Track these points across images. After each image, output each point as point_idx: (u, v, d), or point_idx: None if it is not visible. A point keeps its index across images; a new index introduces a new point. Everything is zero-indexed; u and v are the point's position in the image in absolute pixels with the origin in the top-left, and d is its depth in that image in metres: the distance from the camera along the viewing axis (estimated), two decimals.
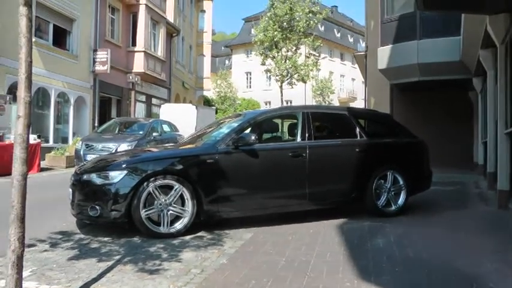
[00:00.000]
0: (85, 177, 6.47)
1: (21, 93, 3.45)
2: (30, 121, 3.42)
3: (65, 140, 21.60)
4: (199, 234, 6.44)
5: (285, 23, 33.38)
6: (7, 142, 14.54)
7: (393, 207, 7.83)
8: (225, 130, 7.38)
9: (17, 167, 3.37)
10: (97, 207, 6.15)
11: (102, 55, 23.47)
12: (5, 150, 13.75)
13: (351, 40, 65.98)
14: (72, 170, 14.72)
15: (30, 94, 3.50)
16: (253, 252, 5.54)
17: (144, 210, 6.12)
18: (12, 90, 17.70)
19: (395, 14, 16.10)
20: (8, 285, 3.41)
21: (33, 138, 15.03)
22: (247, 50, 60.76)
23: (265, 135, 8.15)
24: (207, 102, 44.69)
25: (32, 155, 14.35)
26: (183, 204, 6.33)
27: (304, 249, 5.66)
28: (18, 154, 3.37)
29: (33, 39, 18.43)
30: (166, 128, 18.44)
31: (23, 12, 3.50)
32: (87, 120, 23.40)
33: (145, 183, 6.14)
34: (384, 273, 4.78)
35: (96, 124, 23.27)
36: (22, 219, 3.42)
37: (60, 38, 21.73)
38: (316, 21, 34.74)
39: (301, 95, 50.77)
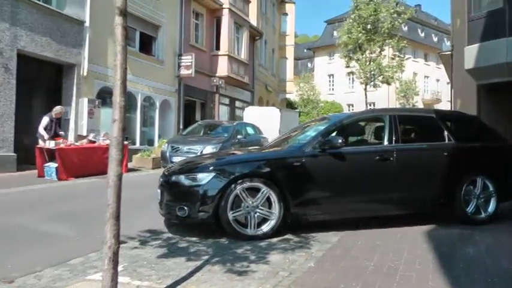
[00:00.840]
0: (173, 178, 6.64)
1: (117, 97, 3.59)
2: (124, 124, 3.55)
3: (150, 142, 22.28)
4: (286, 236, 6.44)
5: (369, 25, 32.84)
6: (96, 144, 15.20)
7: (483, 215, 7.46)
8: (311, 133, 7.35)
9: (113, 167, 3.51)
10: (185, 207, 6.29)
11: (187, 59, 24.02)
12: (95, 152, 14.41)
13: (435, 39, 63.75)
14: (158, 171, 15.33)
15: (125, 99, 3.62)
16: (340, 256, 5.48)
17: (231, 212, 6.20)
18: (101, 95, 18.53)
19: (483, 10, 15.44)
20: (105, 279, 3.56)
21: None
22: (330, 53, 60.34)
23: (351, 139, 8.04)
24: (290, 105, 44.72)
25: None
26: (269, 206, 6.35)
27: (392, 255, 5.53)
28: (113, 155, 3.51)
29: None
30: (250, 130, 18.58)
31: (118, 22, 3.63)
32: (172, 123, 24.05)
33: (232, 186, 6.22)
34: (476, 284, 4.59)
35: (181, 127, 23.87)
36: (117, 217, 3.56)
37: (147, 45, 22.48)
38: (400, 22, 33.98)
39: (384, 98, 49.82)
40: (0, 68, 14.06)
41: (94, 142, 15.22)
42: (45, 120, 13.97)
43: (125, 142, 15.09)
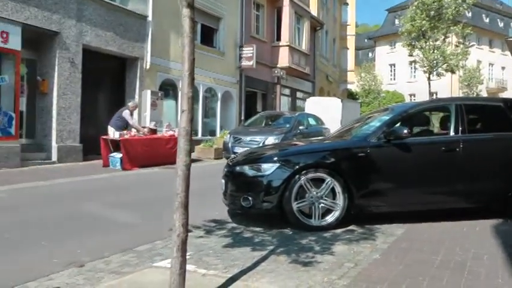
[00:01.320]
0: (238, 168, 6.69)
1: (185, 89, 3.63)
2: (193, 115, 3.59)
3: (212, 133, 22.54)
4: (350, 228, 6.37)
5: (432, 11, 31.93)
6: (160, 135, 15.51)
7: None
8: (375, 123, 7.22)
9: (181, 157, 3.56)
10: (249, 198, 6.33)
11: (248, 51, 24.12)
12: (158, 142, 14.75)
13: (501, 25, 60.82)
14: (220, 162, 15.56)
15: (193, 90, 3.66)
16: (406, 249, 5.37)
17: (295, 203, 6.18)
18: (164, 87, 18.88)
19: None
20: (174, 266, 3.62)
21: None
22: (391, 42, 59.12)
23: (416, 129, 7.85)
24: (351, 96, 44.24)
25: None
26: (334, 197, 6.29)
27: (458, 249, 5.36)
28: (182, 146, 3.55)
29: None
30: (312, 121, 18.47)
31: (186, 14, 3.66)
32: (233, 114, 24.26)
33: (297, 176, 6.20)
34: None
35: (242, 118, 24.05)
36: (186, 207, 3.61)
37: (208, 37, 22.70)
38: (465, 7, 32.88)
39: (447, 87, 48.41)
40: (67, 62, 14.57)
41: (155, 130, 15.56)
42: (127, 113, 14.44)
43: None
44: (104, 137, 14.06)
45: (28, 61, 14.44)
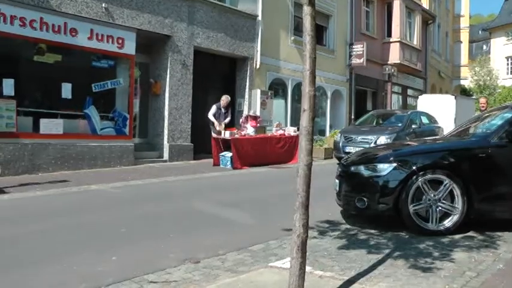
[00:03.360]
0: (352, 169, 6.68)
1: (306, 87, 3.69)
2: (314, 114, 3.65)
3: (322, 133, 22.51)
4: (468, 234, 6.15)
5: None
6: (269, 134, 15.74)
7: None
8: (496, 122, 6.94)
9: (303, 157, 3.63)
10: (364, 199, 6.30)
11: (358, 48, 23.85)
12: (269, 142, 14.98)
13: None
14: (330, 162, 15.53)
15: (314, 88, 3.72)
16: None
17: (412, 205, 6.07)
18: (273, 86, 19.11)
19: None
20: (293, 267, 3.68)
21: (293, 131, 16.07)
22: (508, 32, 55.67)
23: None
24: (464, 92, 42.34)
25: (293, 147, 15.29)
26: (452, 200, 6.10)
27: None
28: (303, 145, 3.62)
29: (292, 38, 19.81)
30: (425, 120, 17.95)
31: (307, 12, 3.73)
32: (343, 113, 24.10)
33: (414, 177, 6.08)
34: None
35: (352, 117, 23.84)
36: (306, 207, 3.67)
37: (318, 35, 22.49)
38: None
39: None
40: (179, 64, 15.15)
41: (256, 118, 15.86)
42: (213, 108, 15.04)
43: (298, 132, 15.58)
44: (215, 136, 14.49)
45: (141, 64, 15.17)
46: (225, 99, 15.14)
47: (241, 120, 16.11)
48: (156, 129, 15.21)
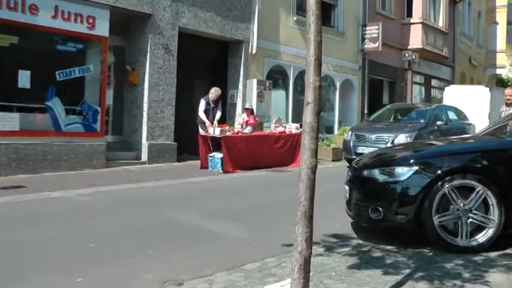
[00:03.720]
0: (365, 173, 6.64)
1: (310, 77, 3.65)
2: (320, 108, 3.61)
3: (329, 130, 22.58)
4: (507, 251, 6.07)
5: None
6: (267, 132, 15.72)
7: None
8: None
9: (306, 158, 3.59)
10: (379, 208, 6.24)
11: (373, 30, 23.85)
12: (266, 141, 14.99)
13: None
14: (339, 164, 15.53)
15: (320, 78, 3.68)
16: None
17: (437, 216, 6.00)
18: (272, 75, 19.10)
19: None
20: None
21: (295, 128, 16.05)
22: None
23: None
24: (501, 83, 42.33)
25: (295, 146, 15.26)
26: (486, 211, 6.04)
27: None
28: (307, 145, 3.58)
29: (295, 18, 19.77)
30: (452, 115, 17.93)
31: None
32: (355, 106, 24.16)
33: (439, 183, 6.01)
34: None
35: (365, 111, 23.88)
36: (310, 218, 3.63)
37: (324, 14, 22.52)
38: None
39: None
40: (161, 49, 15.10)
41: (251, 111, 15.92)
42: (202, 103, 14.99)
43: (300, 130, 15.53)
44: (203, 133, 14.45)
45: (116, 48, 15.21)
46: (214, 92, 15.10)
47: (241, 116, 16.13)
48: (132, 125, 15.20)
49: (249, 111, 15.90)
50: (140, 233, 7.05)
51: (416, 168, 6.18)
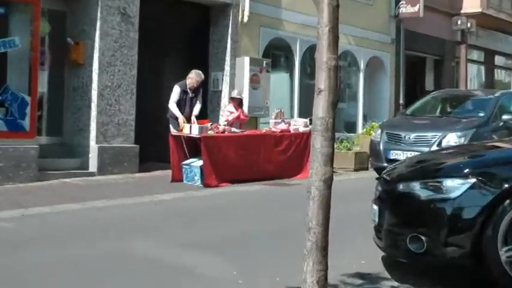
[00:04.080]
0: (401, 187, 6.63)
1: (323, 54, 3.64)
2: (337, 97, 3.59)
3: (350, 127, 22.72)
4: None
5: None
6: (265, 130, 15.68)
7: None
8: None
9: (317, 167, 3.57)
10: (421, 237, 6.21)
11: None
12: (263, 143, 14.95)
13: None
14: (364, 176, 15.52)
15: (337, 55, 3.66)
16: None
17: (505, 249, 5.97)
18: (271, 51, 19.07)
19: None
20: None
21: (303, 124, 15.94)
22: None
23: None
24: None
25: (303, 150, 15.23)
26: None
27: None
28: (319, 148, 3.56)
29: None
30: None
31: None
32: (386, 95, 24.23)
33: (506, 202, 6.02)
34: None
35: (400, 101, 23.85)
36: (323, 250, 3.62)
37: None
38: None
39: None
40: (116, 14, 15.03)
41: (240, 102, 15.99)
42: (175, 91, 14.87)
43: (309, 127, 15.54)
44: (175, 133, 14.41)
45: (53, 14, 15.18)
46: (194, 76, 15.05)
47: (226, 108, 16.11)
48: (76, 122, 15.17)
49: (237, 102, 15.84)
50: (82, 275, 6.93)
51: (473, 180, 6.17)
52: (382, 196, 6.87)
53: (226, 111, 16.11)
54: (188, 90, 14.97)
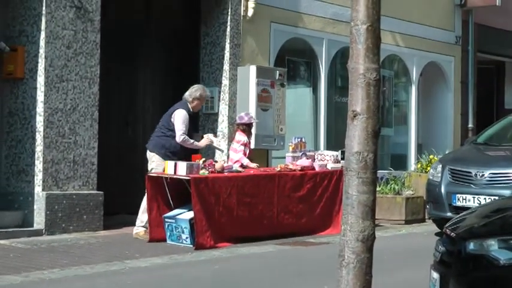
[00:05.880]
0: (471, 247, 6.61)
1: (359, 64, 3.65)
2: (379, 122, 3.60)
3: (399, 162, 22.70)
4: None
5: None
6: (278, 168, 15.67)
7: None
8: None
9: (352, 221, 3.57)
10: None
11: None
12: (274, 186, 14.89)
13: None
14: (421, 231, 15.50)
15: (379, 64, 3.68)
16: None
17: None
18: (285, 58, 19.13)
19: None
20: None
21: (332, 159, 15.94)
22: None
23: None
24: None
25: (334, 196, 15.22)
26: None
27: None
28: (354, 195, 3.56)
29: None
30: None
31: None
32: (448, 115, 24.20)
33: None
34: None
35: (469, 125, 23.82)
36: None
37: None
38: None
39: None
40: (68, 9, 15.07)
41: (249, 127, 15.88)
42: (182, 118, 14.60)
43: (340, 163, 15.63)
44: (153, 174, 14.42)
45: None
46: (203, 96, 15.09)
47: (235, 138, 16.14)
48: (15, 160, 15.20)
49: (242, 128, 15.77)
50: None
51: None
52: (446, 259, 6.85)
53: (237, 144, 15.93)
54: (191, 114, 14.97)
